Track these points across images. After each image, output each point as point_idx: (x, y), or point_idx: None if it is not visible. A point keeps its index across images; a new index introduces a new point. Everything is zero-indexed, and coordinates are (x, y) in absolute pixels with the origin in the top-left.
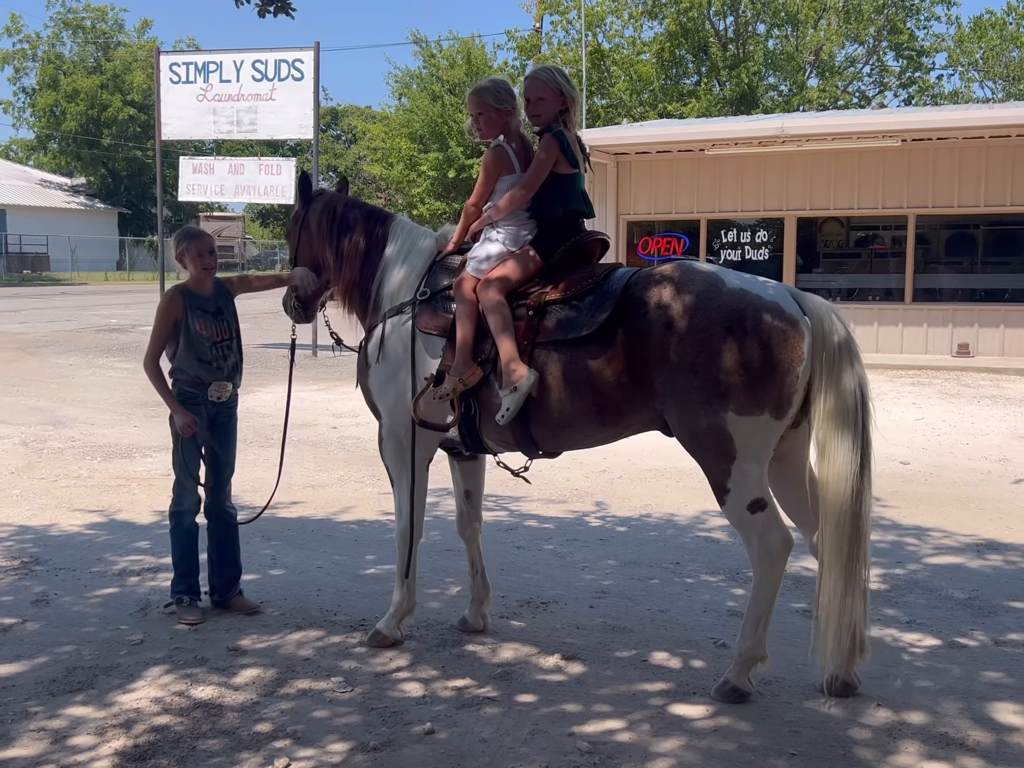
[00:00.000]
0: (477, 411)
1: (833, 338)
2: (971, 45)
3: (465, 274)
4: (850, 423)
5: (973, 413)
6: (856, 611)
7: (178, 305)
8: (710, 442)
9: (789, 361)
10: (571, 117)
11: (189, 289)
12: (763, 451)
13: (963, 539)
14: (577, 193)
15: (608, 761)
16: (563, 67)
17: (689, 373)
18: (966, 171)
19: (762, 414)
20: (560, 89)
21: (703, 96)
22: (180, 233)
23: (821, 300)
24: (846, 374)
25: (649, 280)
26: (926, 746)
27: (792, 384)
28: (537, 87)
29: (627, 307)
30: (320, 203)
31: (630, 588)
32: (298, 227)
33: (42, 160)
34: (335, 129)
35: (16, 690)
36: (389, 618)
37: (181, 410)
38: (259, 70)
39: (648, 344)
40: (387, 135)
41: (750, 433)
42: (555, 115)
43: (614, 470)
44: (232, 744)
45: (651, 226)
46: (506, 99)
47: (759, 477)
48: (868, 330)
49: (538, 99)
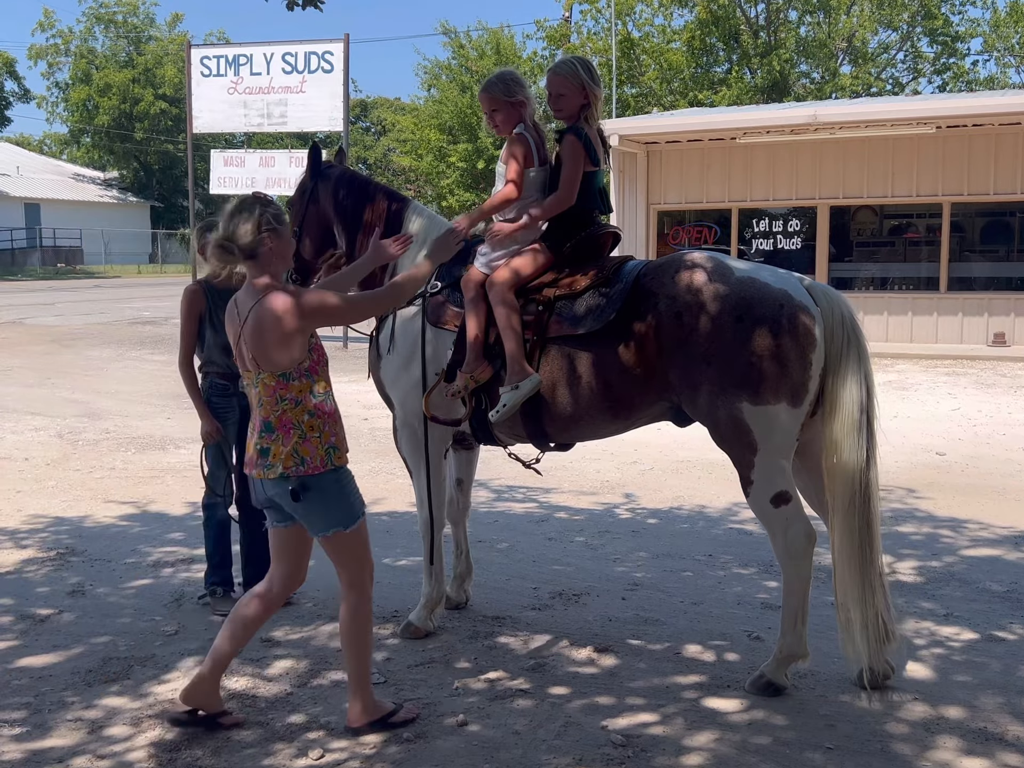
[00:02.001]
0: (488, 405)
1: (841, 327)
2: (1007, 30)
3: (473, 269)
4: (857, 417)
5: (1010, 403)
6: (877, 601)
7: (200, 299)
8: (730, 433)
9: (801, 348)
10: (593, 112)
11: (210, 282)
12: (785, 442)
13: (1000, 531)
14: (595, 191)
15: (641, 754)
16: (591, 57)
17: (703, 364)
18: (1002, 158)
19: (778, 403)
20: (582, 83)
21: (734, 84)
22: (203, 225)
23: (830, 288)
24: (852, 365)
25: (659, 271)
26: (964, 741)
27: (806, 371)
28: (559, 82)
29: (638, 299)
30: (333, 176)
31: (662, 580)
32: (305, 199)
33: (75, 154)
34: (364, 121)
35: (53, 680)
36: (420, 609)
37: (208, 417)
38: (289, 63)
39: (660, 336)
40: (416, 127)
41: (768, 423)
42: (577, 110)
43: (645, 461)
44: (266, 735)
45: (682, 216)
46: (516, 90)
47: (783, 469)
48: (902, 319)
49: (559, 95)
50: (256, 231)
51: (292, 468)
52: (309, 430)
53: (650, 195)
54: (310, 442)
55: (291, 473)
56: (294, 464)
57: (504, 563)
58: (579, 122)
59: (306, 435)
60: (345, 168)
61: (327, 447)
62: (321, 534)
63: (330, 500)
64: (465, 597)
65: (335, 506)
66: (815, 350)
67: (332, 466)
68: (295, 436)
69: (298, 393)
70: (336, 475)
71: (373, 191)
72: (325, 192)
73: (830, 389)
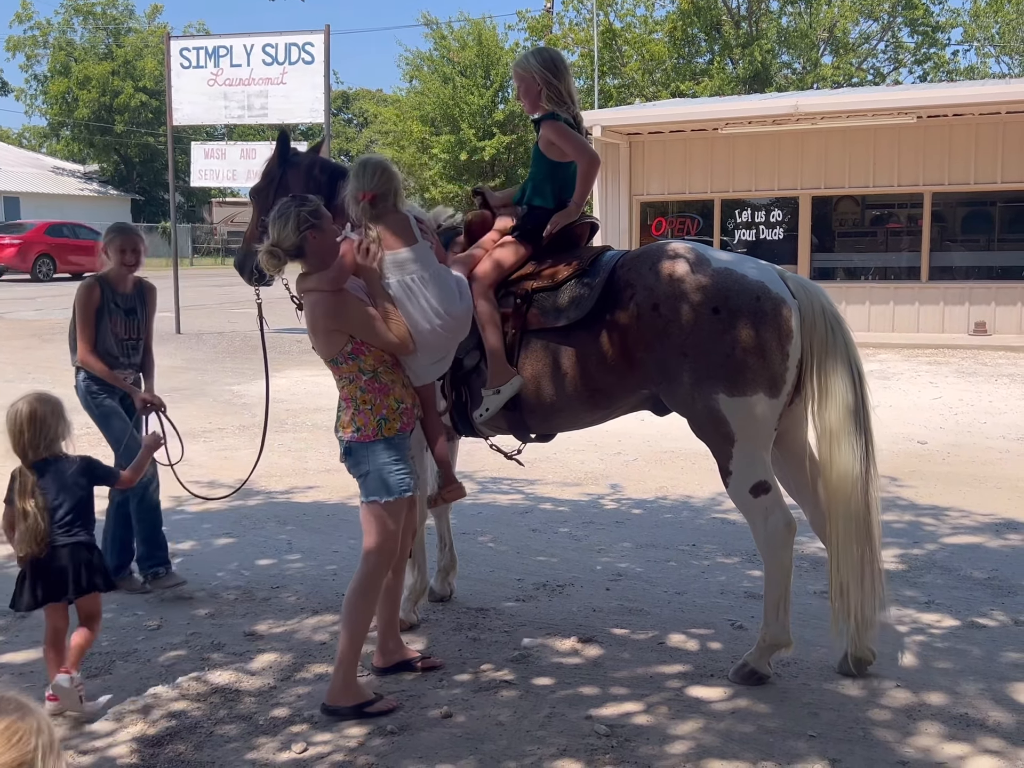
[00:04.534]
0: (468, 397)
1: (823, 318)
2: (987, 20)
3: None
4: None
5: (991, 392)
6: (877, 592)
7: (96, 294)
8: (708, 424)
9: (778, 340)
10: (560, 95)
11: (109, 281)
12: (762, 432)
13: (981, 519)
14: (572, 181)
15: (626, 744)
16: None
17: (680, 355)
18: (982, 147)
19: (755, 394)
20: (532, 72)
21: (716, 75)
22: (112, 227)
23: (807, 280)
24: (840, 355)
25: (636, 262)
26: (946, 727)
27: (783, 362)
28: (517, 79)
29: (616, 290)
30: (303, 163)
31: (646, 570)
32: (272, 187)
33: (55, 147)
34: (346, 113)
35: (34, 676)
36: (404, 601)
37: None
38: (269, 54)
39: (637, 327)
40: (399, 118)
41: (745, 414)
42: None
43: (629, 452)
44: (249, 729)
45: (664, 207)
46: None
47: (762, 459)
48: (884, 309)
49: (522, 89)
50: (297, 231)
51: (351, 435)
52: (362, 404)
53: (633, 186)
54: (363, 414)
55: (348, 439)
56: (352, 431)
57: (488, 555)
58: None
59: (359, 407)
60: (315, 156)
61: (378, 419)
62: (363, 500)
63: (375, 467)
64: (449, 590)
65: (377, 474)
66: (792, 341)
67: (382, 436)
68: (352, 408)
69: (349, 372)
70: (387, 444)
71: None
72: (296, 180)
73: (820, 380)
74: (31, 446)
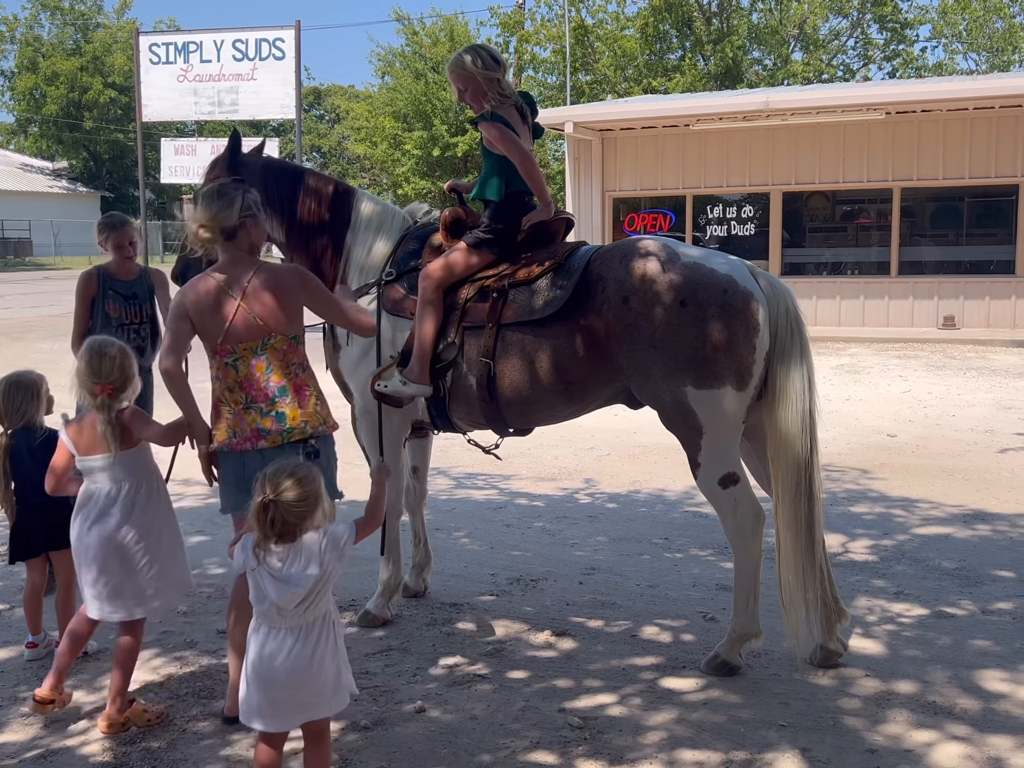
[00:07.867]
0: (446, 392)
1: (785, 319)
2: (955, 17)
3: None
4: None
5: (959, 385)
6: (826, 580)
7: (93, 283)
8: (676, 417)
9: (745, 333)
10: (499, 89)
11: (107, 270)
12: (730, 424)
13: (950, 510)
14: (518, 173)
15: (599, 736)
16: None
17: (649, 348)
18: (950, 143)
19: (722, 387)
20: (468, 71)
21: (688, 71)
22: (102, 222)
23: (776, 279)
24: (796, 358)
25: (608, 256)
26: (915, 715)
27: (750, 355)
28: (459, 80)
29: (588, 285)
30: (258, 166)
31: (620, 564)
32: None
33: (23, 144)
34: (318, 109)
35: (5, 676)
36: (378, 597)
37: None
38: (239, 49)
39: (608, 321)
40: (370, 114)
41: (713, 407)
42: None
43: (602, 447)
44: (223, 726)
45: (637, 203)
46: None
47: (730, 451)
48: (854, 303)
49: (460, 90)
50: (239, 214)
51: (319, 427)
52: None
53: (605, 182)
54: (324, 403)
55: (319, 432)
56: (319, 423)
57: (462, 550)
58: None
59: (320, 395)
60: (270, 158)
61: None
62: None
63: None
64: (423, 586)
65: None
66: (759, 335)
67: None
68: (312, 397)
69: (304, 358)
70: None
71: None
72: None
73: (775, 380)
74: (5, 415)
